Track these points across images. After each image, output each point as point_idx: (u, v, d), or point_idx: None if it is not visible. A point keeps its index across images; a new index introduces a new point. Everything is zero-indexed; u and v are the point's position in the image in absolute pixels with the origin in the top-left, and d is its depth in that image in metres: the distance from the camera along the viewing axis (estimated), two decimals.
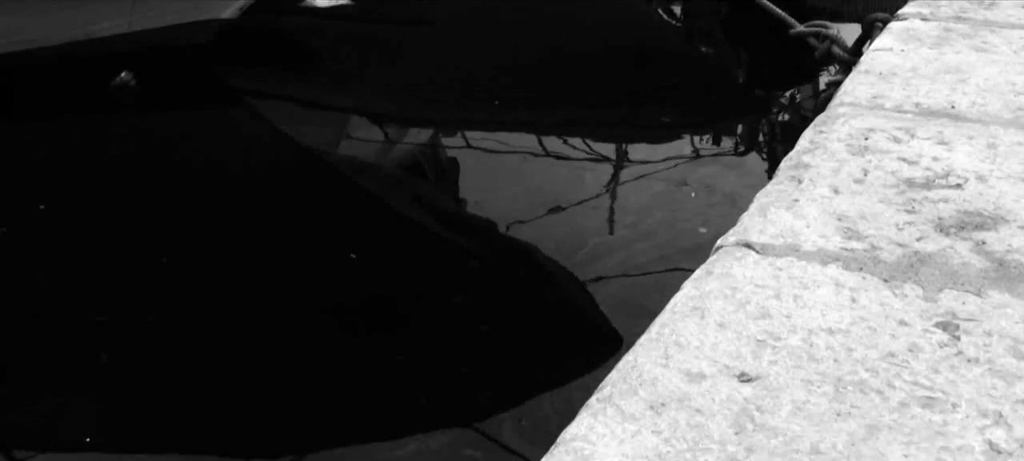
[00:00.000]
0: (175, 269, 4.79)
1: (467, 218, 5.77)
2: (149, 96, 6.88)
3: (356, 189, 6.29)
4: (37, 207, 5.44)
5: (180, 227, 5.31)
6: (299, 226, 5.35)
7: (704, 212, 5.61)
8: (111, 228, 5.31)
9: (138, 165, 6.20)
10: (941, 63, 2.48)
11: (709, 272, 1.54)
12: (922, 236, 1.66)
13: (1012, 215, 1.73)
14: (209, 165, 6.29)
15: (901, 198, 1.78)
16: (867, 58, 2.55)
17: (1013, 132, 2.07)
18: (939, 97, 2.27)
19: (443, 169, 6.52)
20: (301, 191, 5.92)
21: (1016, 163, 1.93)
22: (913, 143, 2.01)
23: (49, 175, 5.93)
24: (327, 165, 6.60)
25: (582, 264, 5.06)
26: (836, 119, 2.13)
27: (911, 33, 2.73)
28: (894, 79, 2.38)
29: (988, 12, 2.94)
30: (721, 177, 6.14)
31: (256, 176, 6.15)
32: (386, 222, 5.65)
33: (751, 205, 1.76)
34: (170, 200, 5.66)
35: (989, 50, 2.59)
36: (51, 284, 4.73)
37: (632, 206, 5.75)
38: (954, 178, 1.86)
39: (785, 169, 1.89)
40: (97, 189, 5.78)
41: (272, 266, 4.89)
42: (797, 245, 1.62)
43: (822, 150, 1.97)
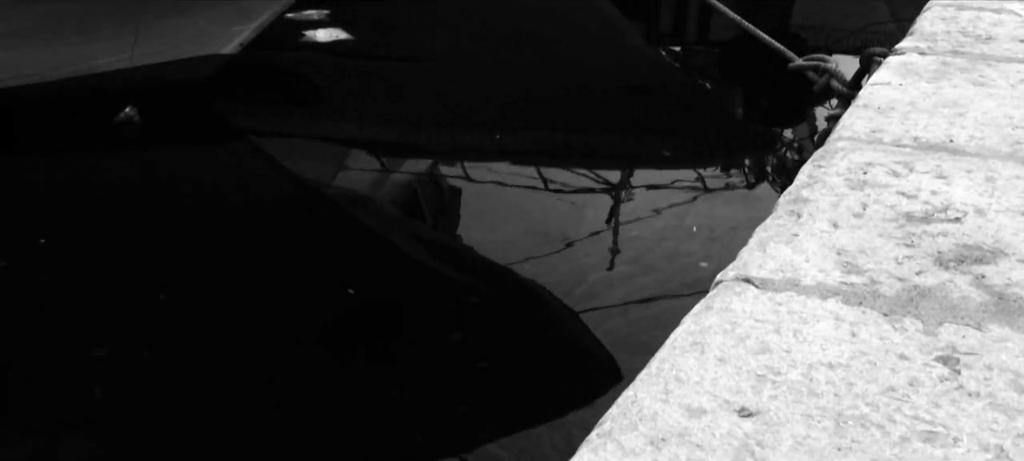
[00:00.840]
0: (172, 304, 4.78)
1: (466, 253, 5.77)
2: (151, 131, 6.90)
3: (355, 223, 6.29)
4: (37, 241, 5.44)
5: (179, 261, 5.31)
6: (297, 261, 5.35)
7: (705, 246, 5.61)
8: (110, 262, 5.31)
9: (138, 199, 6.20)
10: (939, 97, 2.49)
11: (709, 307, 1.54)
12: (922, 270, 1.65)
13: (1011, 249, 1.73)
14: (209, 199, 6.30)
15: (900, 232, 1.78)
16: (865, 92, 2.56)
17: (1011, 166, 2.08)
18: (937, 131, 2.27)
19: (442, 202, 6.52)
20: (300, 225, 5.92)
21: (1015, 196, 1.93)
22: (912, 177, 2.01)
23: (50, 209, 5.94)
24: (326, 199, 6.61)
25: (583, 299, 5.06)
26: (835, 153, 2.13)
27: (909, 67, 2.74)
28: (892, 113, 2.38)
29: (985, 46, 2.95)
30: (722, 211, 6.14)
31: (255, 210, 6.15)
32: (384, 257, 5.65)
33: (750, 240, 1.75)
34: (169, 234, 5.66)
35: (987, 84, 2.60)
36: (49, 318, 4.72)
37: (633, 240, 5.75)
38: (953, 212, 1.86)
39: (784, 204, 1.89)
40: (97, 223, 5.78)
41: (270, 301, 4.88)
42: (797, 280, 1.61)
43: (821, 184, 1.97)
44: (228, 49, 7.36)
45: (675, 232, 5.83)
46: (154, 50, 7.08)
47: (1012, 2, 3.46)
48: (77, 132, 6.93)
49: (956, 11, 3.33)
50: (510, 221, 6.08)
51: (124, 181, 6.54)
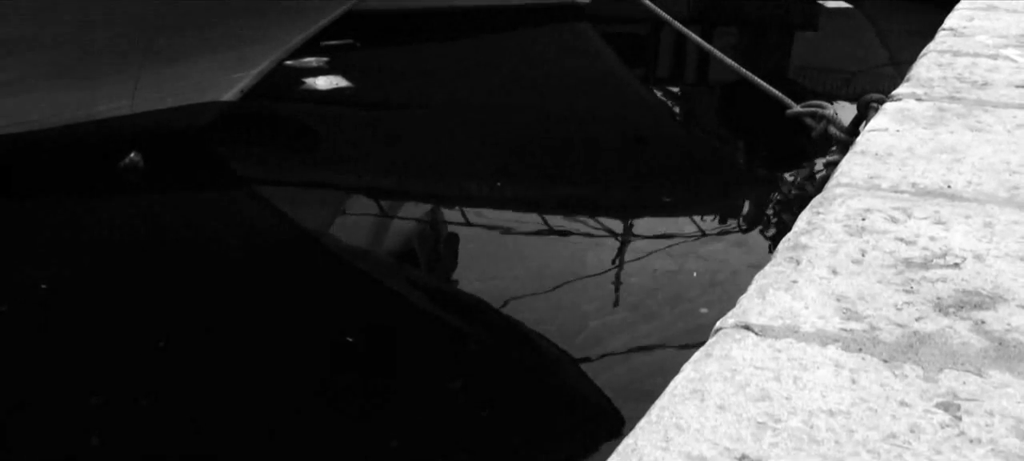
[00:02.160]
0: (171, 351, 4.77)
1: (466, 299, 5.76)
2: (151, 176, 6.92)
3: (353, 270, 6.29)
4: (38, 286, 5.44)
5: (178, 308, 5.30)
6: (296, 308, 5.34)
7: (706, 292, 5.61)
8: (110, 308, 5.30)
9: (138, 245, 6.21)
10: (936, 143, 2.50)
11: (708, 354, 1.53)
12: (921, 316, 1.65)
13: (1011, 294, 1.73)
14: (208, 245, 6.30)
15: (899, 278, 1.78)
16: (863, 139, 2.56)
17: (1009, 211, 2.08)
18: (935, 177, 2.28)
19: (439, 248, 6.52)
20: (299, 272, 5.92)
21: (1013, 242, 1.93)
22: (910, 223, 2.02)
23: (51, 254, 5.94)
24: (325, 246, 6.61)
25: (583, 345, 5.05)
26: (833, 200, 2.13)
27: (906, 113, 2.75)
28: (890, 159, 2.39)
29: (981, 92, 2.96)
30: (722, 257, 6.14)
31: (255, 257, 6.15)
32: (383, 304, 5.64)
33: (750, 287, 1.75)
34: (168, 280, 5.66)
35: (983, 129, 2.61)
36: (48, 363, 4.71)
37: (634, 286, 5.74)
38: (952, 258, 1.86)
39: (783, 250, 1.89)
40: (98, 269, 5.79)
41: (268, 349, 4.87)
42: (796, 326, 1.61)
43: (820, 231, 1.97)
44: (228, 96, 7.40)
45: (676, 278, 5.83)
46: (155, 96, 7.12)
47: (1008, 49, 3.48)
48: (78, 178, 6.95)
49: (952, 57, 3.35)
50: (510, 267, 6.08)
51: (124, 227, 6.55)
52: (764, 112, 6.11)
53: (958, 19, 3.92)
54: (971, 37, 3.63)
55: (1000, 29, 3.76)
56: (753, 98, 6.20)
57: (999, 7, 4.18)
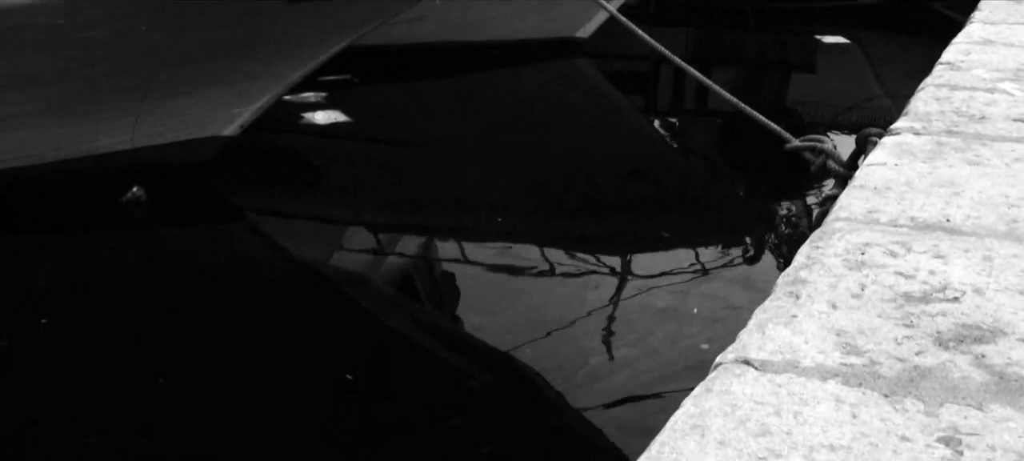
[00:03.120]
0: (170, 387, 4.75)
1: (466, 337, 5.74)
2: (152, 211, 6.93)
3: (353, 306, 6.28)
4: (39, 321, 5.44)
5: (177, 343, 5.29)
6: (296, 345, 5.33)
7: (707, 327, 5.60)
8: (110, 343, 5.29)
9: (138, 279, 6.21)
10: (935, 177, 2.50)
11: (708, 389, 1.53)
12: (921, 350, 1.65)
13: (1011, 328, 1.73)
14: (208, 280, 6.30)
15: (899, 312, 1.78)
16: (862, 173, 2.57)
17: (1008, 244, 2.08)
18: (934, 211, 2.28)
19: (440, 287, 6.52)
20: (298, 309, 5.91)
21: (1012, 275, 1.93)
22: (909, 257, 2.01)
23: (51, 289, 5.94)
24: (325, 282, 6.61)
25: (584, 382, 5.03)
26: (832, 234, 2.13)
27: (904, 147, 2.75)
28: (889, 193, 2.39)
29: (979, 125, 2.97)
30: (723, 291, 6.14)
31: (254, 292, 6.15)
32: (383, 341, 5.63)
33: (750, 322, 1.75)
34: (168, 315, 5.65)
35: (982, 163, 2.61)
36: (47, 399, 4.69)
37: (634, 322, 5.73)
38: (951, 291, 1.86)
39: (783, 285, 1.89)
40: (98, 304, 5.78)
41: (267, 384, 4.85)
42: (796, 361, 1.61)
43: (819, 265, 1.97)
44: (228, 131, 7.42)
45: (676, 313, 5.82)
46: (155, 131, 7.15)
47: (1005, 82, 3.50)
48: (79, 212, 6.96)
49: (949, 91, 3.36)
50: (509, 304, 6.07)
51: (124, 261, 6.55)
52: (763, 147, 6.13)
53: (955, 53, 3.94)
54: (968, 71, 3.65)
55: (997, 63, 3.78)
56: (752, 133, 6.22)
57: (996, 41, 4.20)
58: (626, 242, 7.13)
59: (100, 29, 6.26)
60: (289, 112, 9.27)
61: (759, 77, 13.26)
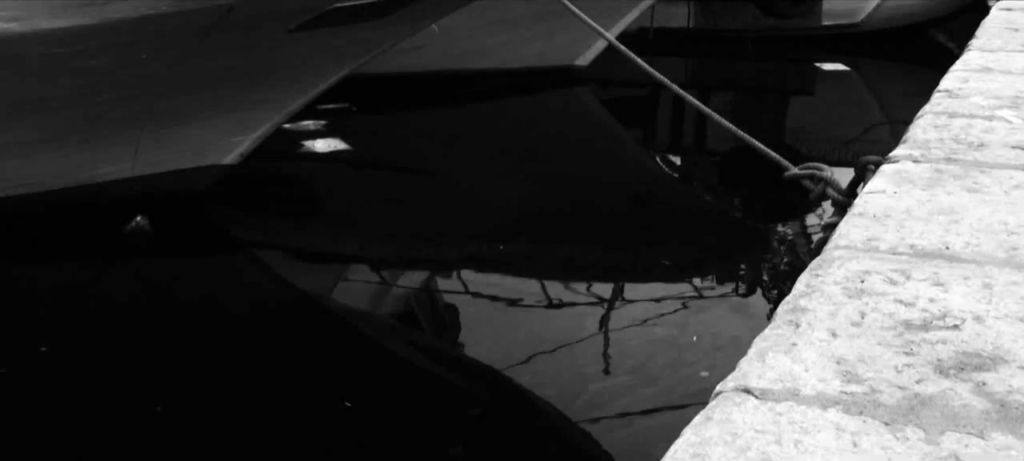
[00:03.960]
0: (169, 416, 4.74)
1: (466, 364, 5.73)
2: (152, 240, 6.94)
3: (354, 333, 6.27)
4: (38, 348, 5.44)
5: (176, 372, 5.28)
6: (295, 373, 5.32)
7: (707, 355, 5.59)
8: (109, 372, 5.28)
9: (138, 308, 6.20)
10: (934, 204, 2.50)
11: (708, 418, 1.52)
12: (922, 378, 1.64)
13: (1011, 355, 1.72)
14: (207, 309, 6.29)
15: (899, 340, 1.77)
16: (861, 201, 2.57)
17: (1008, 272, 2.08)
18: (933, 238, 2.28)
19: (441, 314, 6.51)
20: (298, 337, 5.90)
21: (1012, 303, 1.92)
22: (909, 285, 2.01)
23: (51, 317, 5.94)
24: (324, 310, 6.60)
25: (584, 410, 5.02)
26: (832, 262, 2.13)
27: (903, 175, 2.75)
28: (888, 221, 2.39)
29: (978, 153, 2.97)
30: (723, 320, 6.13)
31: (254, 322, 6.14)
32: (383, 368, 5.61)
33: (749, 350, 1.75)
34: (168, 344, 5.64)
35: (981, 190, 2.62)
36: (46, 426, 4.68)
37: (634, 350, 5.72)
38: (951, 319, 1.86)
39: (782, 313, 1.88)
40: (98, 332, 5.78)
41: (267, 414, 4.84)
42: (796, 389, 1.60)
43: (819, 294, 1.97)
44: (228, 159, 7.43)
45: (676, 342, 5.81)
46: (155, 160, 7.16)
47: (1003, 110, 3.50)
48: (79, 240, 6.97)
49: (948, 119, 3.37)
50: (509, 331, 6.07)
51: (124, 290, 6.55)
52: (762, 174, 6.14)
53: (953, 81, 3.95)
54: (966, 98, 3.65)
55: (995, 90, 3.79)
56: (751, 160, 6.23)
57: (993, 69, 4.21)
58: (626, 270, 7.13)
59: (101, 58, 6.28)
60: (289, 140, 9.29)
61: (758, 104, 13.30)
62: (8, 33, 5.98)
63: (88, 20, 6.00)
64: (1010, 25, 5.19)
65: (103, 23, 6.01)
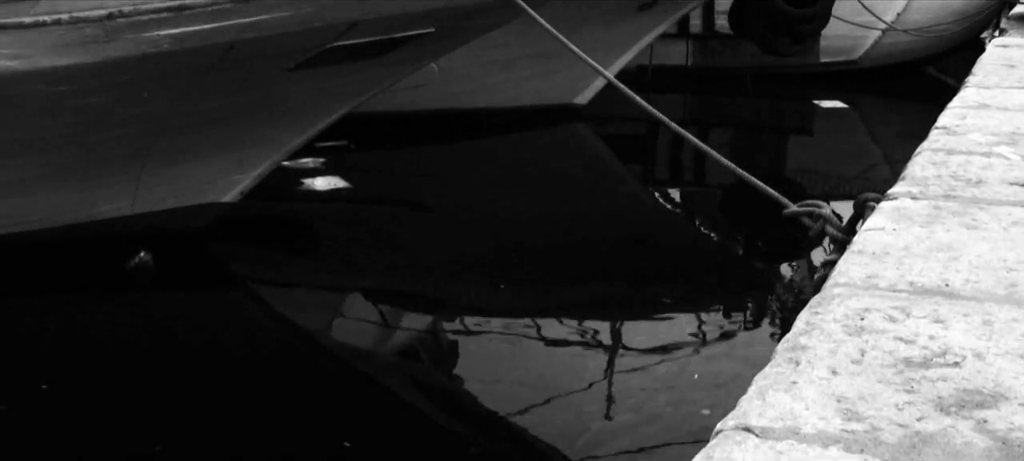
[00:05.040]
0: (167, 456, 4.71)
1: (467, 403, 5.71)
2: (155, 277, 6.95)
3: (353, 373, 6.25)
4: (39, 386, 5.43)
5: (175, 410, 5.26)
6: (294, 412, 5.29)
7: (709, 393, 5.57)
8: (108, 409, 5.27)
9: (138, 346, 6.19)
10: (933, 241, 2.51)
11: (709, 457, 1.52)
12: (923, 416, 1.64)
13: (1012, 392, 1.72)
14: (207, 347, 6.28)
15: (900, 378, 1.77)
16: (860, 238, 2.57)
17: (1007, 308, 2.08)
18: (932, 275, 2.28)
19: (441, 353, 6.49)
20: (297, 375, 5.89)
21: (1013, 340, 1.92)
22: (909, 322, 2.01)
23: (52, 354, 5.93)
24: (323, 348, 6.58)
25: (585, 448, 4.99)
26: (831, 300, 2.13)
27: (902, 212, 2.76)
28: (887, 258, 2.39)
29: (976, 190, 2.98)
30: (724, 357, 6.12)
31: (253, 360, 6.12)
32: (382, 407, 5.59)
33: (750, 388, 1.74)
34: (167, 382, 5.63)
35: (979, 227, 2.62)
36: None
37: (635, 389, 5.70)
38: (952, 356, 1.85)
39: (782, 351, 1.88)
40: (97, 370, 5.77)
41: (266, 454, 4.81)
42: (797, 428, 1.60)
43: (819, 331, 1.97)
44: (228, 197, 7.44)
45: (677, 379, 5.80)
46: (156, 197, 7.17)
47: (1000, 146, 3.51)
48: (79, 278, 6.96)
49: (946, 156, 3.38)
50: (510, 370, 6.04)
51: (123, 327, 6.54)
52: (761, 212, 6.14)
53: (951, 118, 3.97)
54: (964, 136, 3.67)
55: (992, 127, 3.80)
56: (750, 198, 6.23)
57: (990, 105, 4.23)
58: (627, 308, 7.12)
59: (102, 96, 6.31)
60: (288, 178, 9.30)
61: (757, 142, 13.34)
62: (9, 71, 6.01)
63: (90, 58, 6.03)
64: (1006, 62, 5.22)
65: (105, 61, 6.04)
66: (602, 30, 10.87)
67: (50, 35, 5.93)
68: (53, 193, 6.88)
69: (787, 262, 8.07)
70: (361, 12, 6.30)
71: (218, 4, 5.98)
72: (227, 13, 6.03)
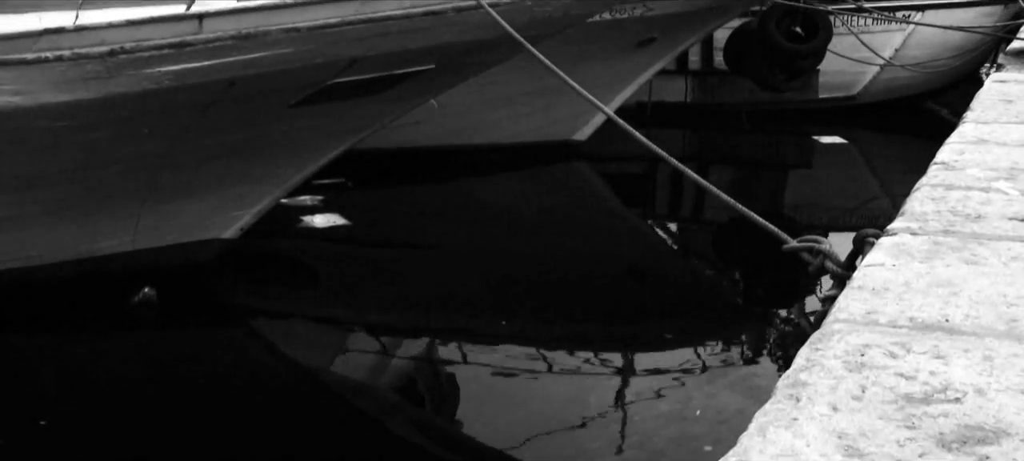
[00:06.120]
0: None
1: (467, 440, 5.69)
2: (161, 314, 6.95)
3: (352, 409, 6.23)
4: (38, 422, 5.41)
5: (175, 447, 5.24)
6: (294, 448, 5.27)
7: (711, 429, 5.55)
8: (108, 445, 5.25)
9: (137, 382, 6.18)
10: (933, 277, 2.50)
11: None
12: (924, 452, 1.63)
13: (1014, 428, 1.71)
14: (208, 383, 6.26)
15: (901, 414, 1.77)
16: (860, 274, 2.57)
17: (1008, 344, 2.07)
18: (933, 311, 2.28)
19: (442, 388, 6.48)
20: (297, 411, 5.87)
21: (1014, 375, 1.92)
22: (909, 358, 2.01)
23: (51, 390, 5.92)
24: (324, 384, 6.57)
25: None
26: (831, 336, 2.12)
27: (901, 248, 2.76)
28: (887, 294, 2.39)
29: (975, 225, 2.98)
30: (725, 393, 6.10)
31: (254, 396, 6.11)
32: (382, 444, 5.57)
33: (750, 425, 1.74)
34: (167, 418, 5.61)
35: (979, 262, 2.62)
36: None
37: (637, 424, 5.69)
38: (953, 392, 1.85)
39: (783, 388, 1.88)
40: (96, 406, 5.75)
41: None
42: None
43: (819, 368, 1.96)
44: (228, 234, 7.45)
45: (679, 416, 5.78)
46: (156, 233, 7.18)
47: (999, 181, 3.52)
48: (78, 313, 6.96)
49: (945, 191, 3.38)
50: (511, 407, 6.03)
51: (123, 363, 6.53)
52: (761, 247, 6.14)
53: (949, 153, 3.97)
54: (963, 170, 3.67)
55: (990, 162, 3.81)
56: (749, 233, 6.24)
57: (989, 140, 4.23)
58: (628, 343, 7.10)
59: (103, 131, 6.33)
60: (288, 215, 9.31)
61: (756, 177, 13.36)
62: (11, 106, 6.03)
63: (91, 94, 6.05)
64: (1004, 97, 5.23)
65: (106, 97, 6.07)
66: (601, 67, 10.92)
67: (52, 71, 5.96)
68: (53, 229, 6.89)
69: (786, 297, 8.06)
70: (362, 49, 6.34)
71: (219, 41, 6.01)
72: (228, 50, 6.06)
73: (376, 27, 6.21)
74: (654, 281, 8.69)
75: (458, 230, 9.77)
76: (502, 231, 9.74)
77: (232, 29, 6.02)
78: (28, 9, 6.57)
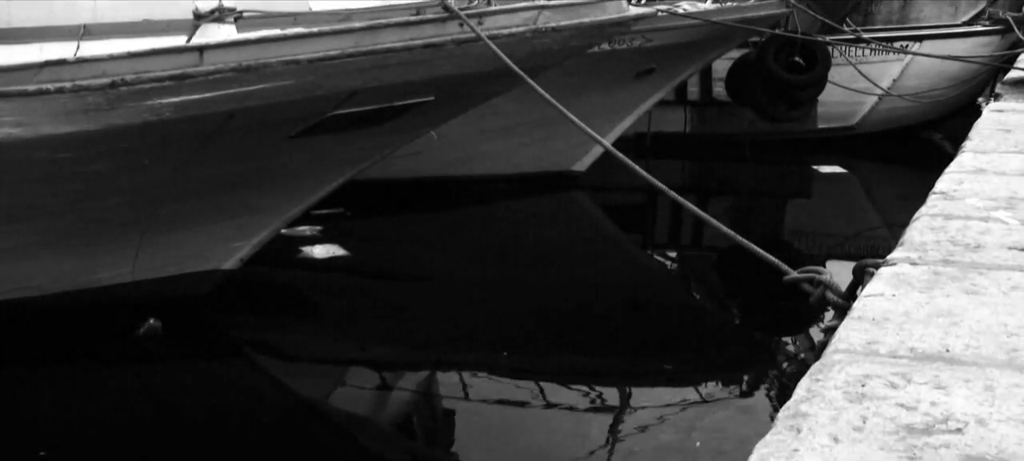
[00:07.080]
0: None
1: None
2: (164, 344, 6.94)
3: (351, 442, 6.21)
4: (37, 454, 5.39)
5: None
6: None
7: (713, 460, 5.53)
8: None
9: (136, 414, 6.16)
10: (933, 307, 2.50)
11: None
12: None
13: (1015, 458, 1.71)
14: (207, 415, 6.24)
15: (902, 445, 1.76)
16: (860, 304, 2.57)
17: (1009, 374, 2.07)
18: (933, 341, 2.27)
19: (439, 422, 6.45)
20: (297, 444, 5.84)
21: (1015, 405, 1.91)
22: (910, 388, 2.00)
23: (50, 421, 5.90)
24: (323, 416, 6.54)
25: None
26: (832, 367, 2.12)
27: (901, 278, 2.76)
28: (887, 324, 2.39)
29: (975, 254, 2.98)
30: (725, 424, 6.08)
31: (253, 428, 6.09)
32: None
33: (751, 457, 1.73)
34: (166, 450, 5.59)
35: (979, 292, 2.62)
36: None
37: (637, 456, 5.66)
38: (954, 422, 1.84)
39: (783, 419, 1.87)
40: (97, 436, 5.74)
41: None
42: None
43: (820, 398, 1.96)
44: (228, 265, 7.45)
45: (680, 447, 5.76)
46: (155, 264, 7.17)
47: (998, 211, 3.52)
48: (77, 345, 6.94)
49: (944, 221, 3.39)
50: (511, 439, 6.00)
51: (121, 395, 6.51)
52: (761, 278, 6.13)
53: (948, 183, 3.98)
54: (962, 200, 3.68)
55: (989, 192, 3.81)
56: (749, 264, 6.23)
57: (987, 170, 4.24)
58: (628, 375, 7.08)
59: (103, 163, 6.34)
60: (287, 246, 9.31)
61: (756, 208, 13.37)
62: (12, 138, 6.04)
63: (92, 125, 6.06)
64: (1002, 126, 5.25)
65: (107, 129, 6.08)
66: (600, 97, 10.95)
67: (53, 103, 5.97)
68: (53, 260, 6.89)
69: (787, 328, 8.05)
70: (362, 81, 6.35)
71: (219, 73, 6.03)
72: (228, 82, 6.08)
73: (376, 59, 6.23)
74: (654, 312, 8.68)
75: (457, 261, 9.76)
76: (501, 262, 9.74)
77: (233, 61, 6.04)
78: (30, 41, 6.60)
